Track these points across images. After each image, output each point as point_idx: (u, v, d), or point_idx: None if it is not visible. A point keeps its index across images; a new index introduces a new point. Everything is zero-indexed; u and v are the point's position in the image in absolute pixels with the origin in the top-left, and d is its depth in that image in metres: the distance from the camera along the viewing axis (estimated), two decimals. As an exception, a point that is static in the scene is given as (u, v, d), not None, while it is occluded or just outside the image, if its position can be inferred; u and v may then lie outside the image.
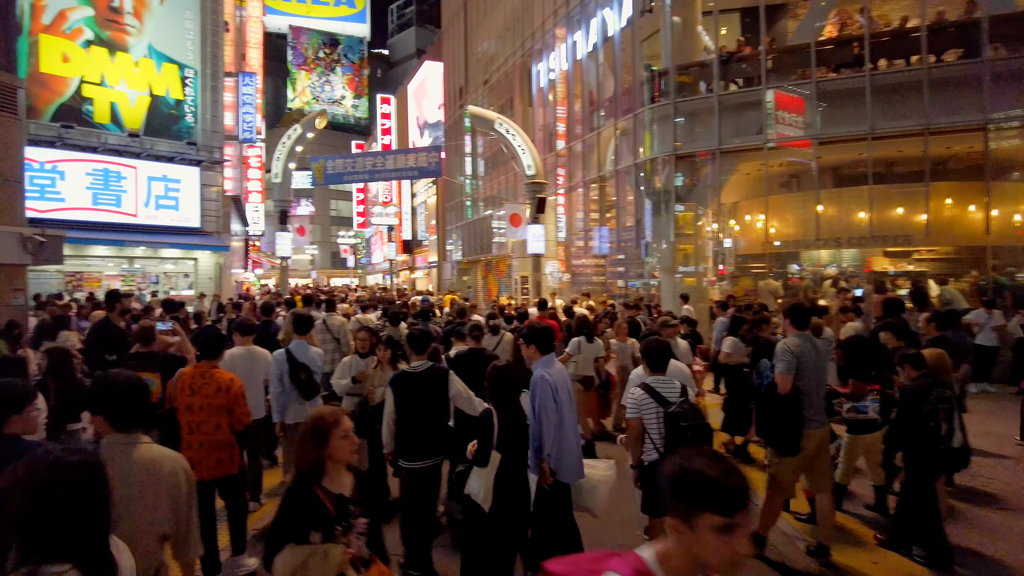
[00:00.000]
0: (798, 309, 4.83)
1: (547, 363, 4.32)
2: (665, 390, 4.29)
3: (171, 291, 21.35)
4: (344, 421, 2.55)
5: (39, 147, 18.40)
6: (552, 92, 20.99)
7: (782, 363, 4.58)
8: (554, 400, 4.12)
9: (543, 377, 4.16)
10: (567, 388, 4.33)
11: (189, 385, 4.22)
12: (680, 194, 14.55)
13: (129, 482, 2.38)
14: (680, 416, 4.09)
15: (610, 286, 18.15)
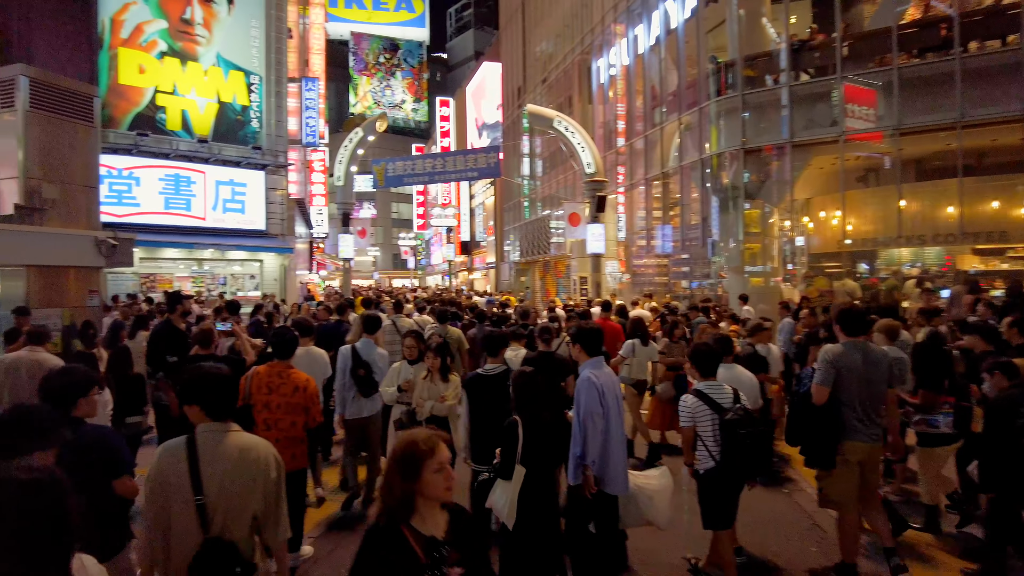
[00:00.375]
0: (849, 314, 4.50)
1: (595, 365, 4.10)
2: (718, 396, 4.17)
3: (238, 292, 21.96)
4: (440, 450, 2.14)
5: (117, 155, 19.24)
6: (612, 88, 20.52)
7: (819, 373, 4.35)
8: (600, 404, 3.90)
9: (589, 380, 3.95)
10: (615, 393, 4.10)
11: (266, 383, 4.34)
12: (749, 190, 13.88)
13: (224, 468, 2.49)
14: (738, 423, 3.97)
15: (673, 287, 17.56)
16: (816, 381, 4.34)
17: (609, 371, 4.18)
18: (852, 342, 4.40)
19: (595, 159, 16.96)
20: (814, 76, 13.68)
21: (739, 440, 3.94)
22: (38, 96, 9.09)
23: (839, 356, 4.33)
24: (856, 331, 4.42)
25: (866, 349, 4.39)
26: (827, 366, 4.30)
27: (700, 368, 4.36)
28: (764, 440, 4.11)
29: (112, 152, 19.13)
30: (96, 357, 6.50)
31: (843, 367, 4.30)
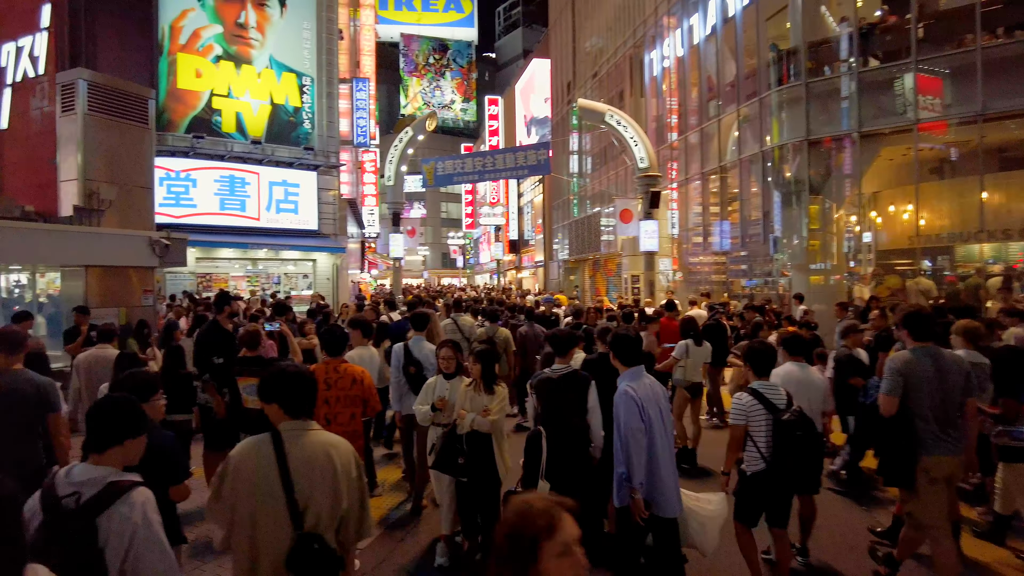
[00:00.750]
0: (917, 317, 4.13)
1: (633, 376, 3.81)
2: (773, 396, 4.06)
3: (291, 291, 22.30)
4: (564, 526, 1.50)
5: (175, 157, 19.75)
6: (666, 80, 19.90)
7: (887, 382, 4.03)
8: (641, 419, 3.61)
9: (626, 393, 3.67)
10: (658, 405, 3.77)
11: (324, 379, 4.35)
12: (813, 184, 13.14)
13: (309, 465, 2.49)
14: (794, 425, 3.88)
15: (731, 285, 16.87)
16: (883, 391, 4.02)
17: (650, 381, 3.88)
18: (922, 348, 4.03)
19: (648, 153, 16.42)
20: (884, 61, 12.84)
21: (795, 442, 3.85)
22: (96, 99, 9.25)
23: (907, 364, 3.97)
24: (925, 335, 4.06)
25: (938, 355, 4.00)
26: (894, 375, 3.97)
27: (755, 367, 4.22)
28: (818, 445, 4.01)
29: (170, 155, 19.65)
30: (144, 359, 6.46)
31: (912, 376, 3.94)
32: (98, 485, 2.15)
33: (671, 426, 3.93)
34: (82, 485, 2.15)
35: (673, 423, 3.97)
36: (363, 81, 25.27)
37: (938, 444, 3.92)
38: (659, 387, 3.91)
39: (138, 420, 2.40)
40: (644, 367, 3.92)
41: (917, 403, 3.94)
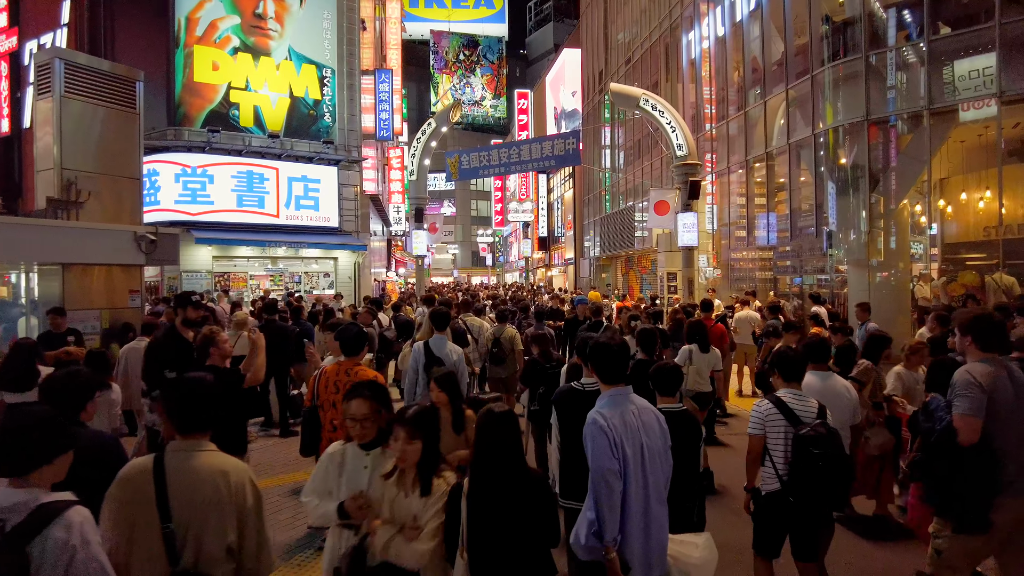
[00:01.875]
0: (984, 322, 3.34)
1: (612, 400, 2.95)
2: (799, 407, 3.64)
3: (312, 290, 21.58)
4: None
5: (192, 152, 19.13)
6: (705, 64, 18.50)
7: (966, 400, 3.18)
8: (613, 456, 2.79)
9: (595, 423, 2.85)
10: (641, 441, 2.89)
11: (334, 382, 4.13)
12: (874, 170, 11.71)
13: (191, 491, 2.28)
14: (813, 441, 3.40)
15: (778, 283, 15.46)
16: (963, 410, 3.16)
17: (640, 406, 2.99)
18: (995, 359, 3.25)
19: (687, 140, 15.12)
20: (957, 29, 11.33)
21: (810, 461, 3.38)
22: (75, 81, 8.40)
23: (991, 378, 3.17)
24: (993, 345, 3.28)
25: (1011, 371, 3.26)
26: (978, 391, 3.14)
27: (783, 372, 3.81)
28: (843, 467, 3.50)
29: (186, 150, 19.04)
30: (109, 356, 5.76)
31: (995, 392, 3.15)
32: (25, 509, 1.97)
33: (664, 468, 3.00)
34: (6, 511, 1.95)
35: (668, 463, 3.04)
36: (386, 72, 24.42)
37: (1011, 482, 3.16)
38: (651, 416, 3.00)
39: (65, 433, 2.17)
40: (632, 388, 3.07)
41: (1003, 429, 3.15)
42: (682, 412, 3.66)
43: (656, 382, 3.79)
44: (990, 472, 3.16)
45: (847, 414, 4.35)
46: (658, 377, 3.80)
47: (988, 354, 3.26)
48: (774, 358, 3.94)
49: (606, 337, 3.15)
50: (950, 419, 3.25)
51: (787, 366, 3.81)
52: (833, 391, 4.32)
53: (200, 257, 19.45)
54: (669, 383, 3.77)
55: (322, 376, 4.27)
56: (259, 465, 6.71)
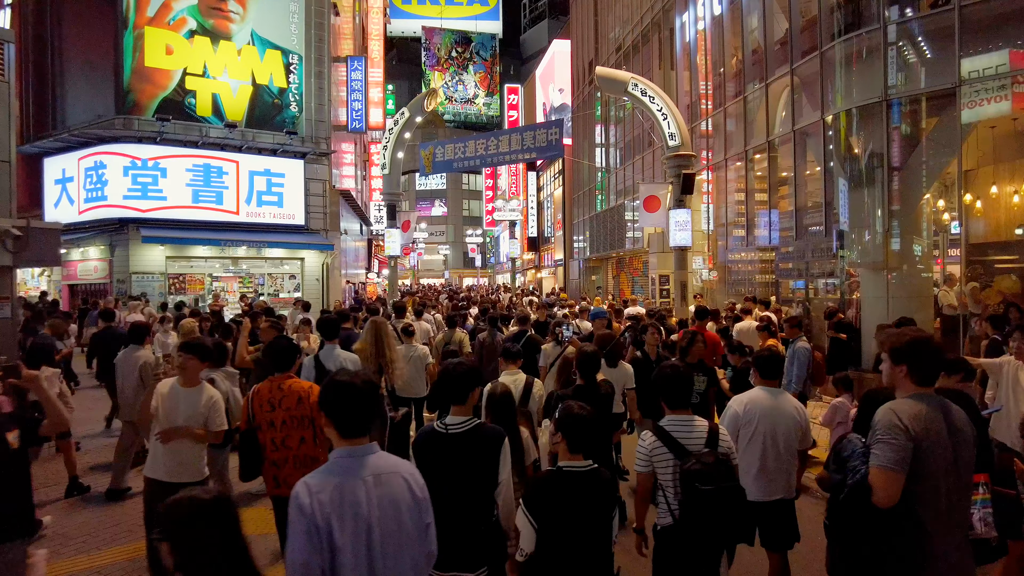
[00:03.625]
0: (924, 349, 2.57)
1: (337, 466, 2.23)
2: (685, 436, 3.28)
3: (278, 294, 20.04)
4: None
5: (142, 144, 17.61)
6: (701, 46, 16.95)
7: (886, 448, 2.43)
8: (311, 545, 2.06)
9: (295, 500, 2.10)
10: (369, 523, 2.15)
11: (267, 400, 3.94)
12: (894, 160, 10.15)
13: None
14: (699, 476, 3.00)
15: (781, 287, 13.91)
16: (882, 462, 2.45)
17: (382, 471, 2.25)
18: (928, 396, 2.55)
19: (680, 129, 13.59)
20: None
21: (699, 497, 2.99)
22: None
23: (923, 422, 2.47)
24: (932, 376, 2.61)
25: (949, 413, 2.55)
26: (903, 438, 2.43)
27: (667, 398, 3.41)
28: (733, 498, 3.04)
29: (137, 141, 17.51)
30: None
31: (922, 439, 2.44)
32: None
33: (410, 557, 2.30)
34: None
35: (421, 549, 2.36)
36: (358, 60, 22.87)
37: (943, 555, 2.47)
38: (395, 486, 2.25)
39: None
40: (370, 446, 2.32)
41: (932, 488, 2.47)
42: (589, 474, 2.86)
43: (564, 428, 2.91)
44: (911, 545, 2.48)
45: (793, 438, 3.84)
46: (566, 425, 2.91)
47: (924, 388, 2.57)
48: (655, 382, 3.49)
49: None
50: (865, 471, 2.53)
51: (669, 389, 3.40)
52: (781, 411, 3.86)
53: (152, 257, 17.89)
54: (577, 432, 2.89)
55: (255, 397, 3.98)
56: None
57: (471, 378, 3.12)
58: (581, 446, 2.87)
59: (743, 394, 3.98)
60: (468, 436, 3.00)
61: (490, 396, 3.74)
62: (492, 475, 3.00)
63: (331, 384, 2.28)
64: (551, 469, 2.98)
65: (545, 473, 3.04)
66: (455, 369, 3.15)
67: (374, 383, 2.42)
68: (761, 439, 3.78)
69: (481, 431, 3.04)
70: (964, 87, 9.10)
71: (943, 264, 12.05)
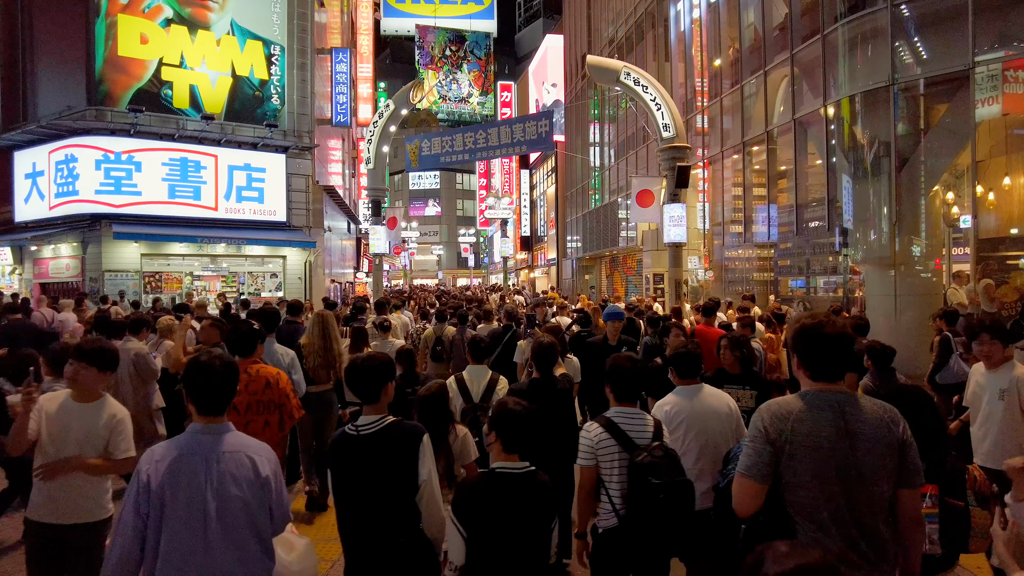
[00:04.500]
0: (812, 337, 2.23)
1: (190, 438, 2.42)
2: (633, 428, 3.10)
3: (259, 292, 19.35)
4: None
5: (116, 136, 16.85)
6: (697, 35, 16.32)
7: (744, 453, 2.28)
8: (138, 509, 2.27)
9: (140, 463, 2.37)
10: (205, 496, 2.33)
11: None
12: (902, 149, 9.55)
13: None
14: (651, 468, 2.86)
15: (780, 285, 13.30)
16: (739, 469, 2.28)
17: (230, 448, 2.41)
18: (821, 393, 2.20)
19: (675, 119, 12.97)
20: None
21: (649, 492, 2.83)
22: None
23: (786, 419, 2.18)
24: (831, 371, 2.22)
25: (847, 413, 2.16)
26: (760, 442, 2.20)
27: (616, 389, 3.22)
28: (683, 494, 2.89)
29: (109, 133, 16.77)
30: None
31: (794, 441, 2.15)
32: None
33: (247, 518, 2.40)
34: None
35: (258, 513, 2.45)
36: (343, 52, 22.19)
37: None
38: (238, 460, 2.39)
39: None
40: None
41: (813, 496, 2.15)
42: (524, 477, 2.63)
43: (497, 426, 2.69)
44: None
45: (730, 435, 3.43)
46: (499, 423, 2.69)
47: (820, 384, 2.22)
48: (607, 374, 3.29)
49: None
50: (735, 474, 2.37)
51: (619, 381, 3.24)
52: (710, 409, 3.52)
53: (126, 255, 17.17)
54: (512, 431, 2.66)
55: None
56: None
57: (381, 373, 2.85)
58: (516, 445, 2.63)
59: (664, 399, 3.65)
60: (380, 436, 2.76)
61: (420, 398, 3.52)
62: (410, 478, 2.73)
63: (192, 364, 2.43)
64: (483, 471, 2.74)
65: (476, 476, 2.80)
66: (363, 364, 2.87)
67: (233, 365, 2.51)
68: (695, 443, 3.45)
69: (395, 430, 2.78)
70: (979, 69, 8.48)
71: (940, 262, 11.45)
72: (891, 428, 2.19)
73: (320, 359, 5.46)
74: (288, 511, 2.58)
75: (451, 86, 75.31)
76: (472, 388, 4.57)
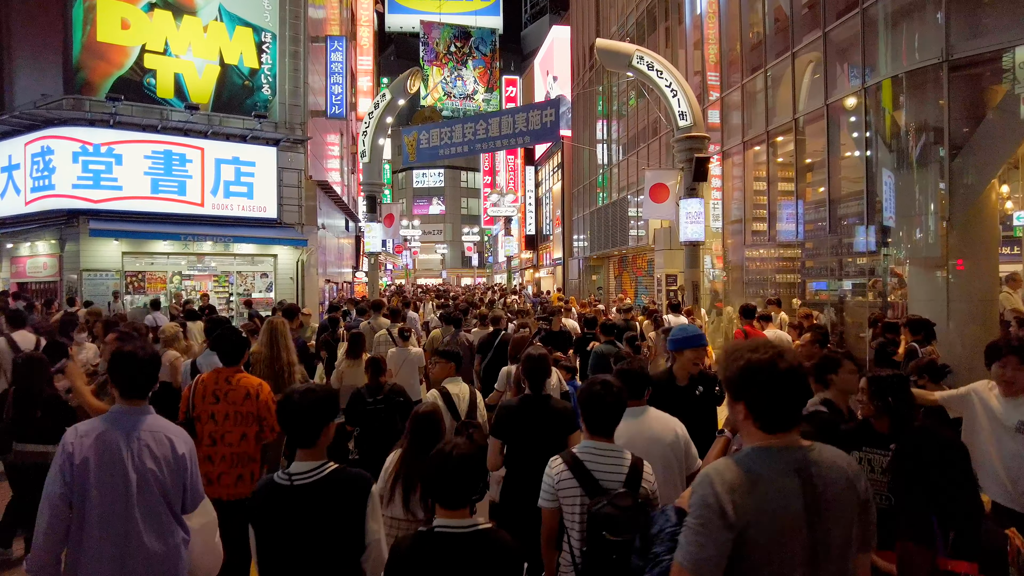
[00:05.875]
0: (761, 378, 1.77)
1: (113, 417, 2.72)
2: (601, 467, 2.69)
3: (248, 293, 18.38)
4: None
5: (95, 127, 15.87)
6: (715, 16, 15.19)
7: (688, 538, 1.71)
8: (70, 477, 2.54)
9: (64, 438, 2.63)
10: (131, 470, 2.59)
11: (212, 391, 3.89)
12: (956, 136, 8.42)
13: None
14: (607, 521, 2.43)
15: (805, 289, 12.17)
16: (679, 559, 1.72)
17: (154, 428, 2.71)
18: (775, 450, 1.75)
19: (692, 106, 11.88)
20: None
21: (603, 549, 2.42)
22: None
23: (748, 492, 1.69)
24: (783, 419, 1.77)
25: (812, 469, 1.75)
26: (714, 521, 1.67)
27: (587, 420, 2.81)
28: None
29: (88, 124, 15.78)
30: None
31: (755, 525, 1.67)
32: None
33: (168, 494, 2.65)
34: None
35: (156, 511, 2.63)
36: (339, 40, 21.13)
37: None
38: (159, 443, 2.68)
39: None
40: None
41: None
42: (470, 538, 2.14)
43: (427, 481, 2.31)
44: None
45: (673, 462, 3.03)
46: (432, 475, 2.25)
47: (775, 438, 1.73)
48: (579, 399, 2.83)
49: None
50: (667, 565, 1.86)
51: (590, 409, 2.77)
52: (650, 433, 3.10)
53: (107, 253, 16.18)
54: (447, 482, 2.22)
55: (198, 385, 3.95)
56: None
57: (321, 410, 2.48)
58: (456, 498, 2.20)
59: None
60: (319, 488, 2.40)
61: (414, 417, 3.33)
62: (356, 539, 2.40)
63: (115, 353, 2.76)
64: (420, 531, 2.26)
65: (410, 537, 2.28)
66: (299, 398, 2.45)
67: (155, 355, 2.84)
68: None
69: (337, 480, 2.44)
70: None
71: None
72: (855, 486, 1.81)
73: (266, 369, 5.04)
74: (201, 491, 2.82)
75: (456, 83, 74.51)
76: (459, 404, 4.31)
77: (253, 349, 5.17)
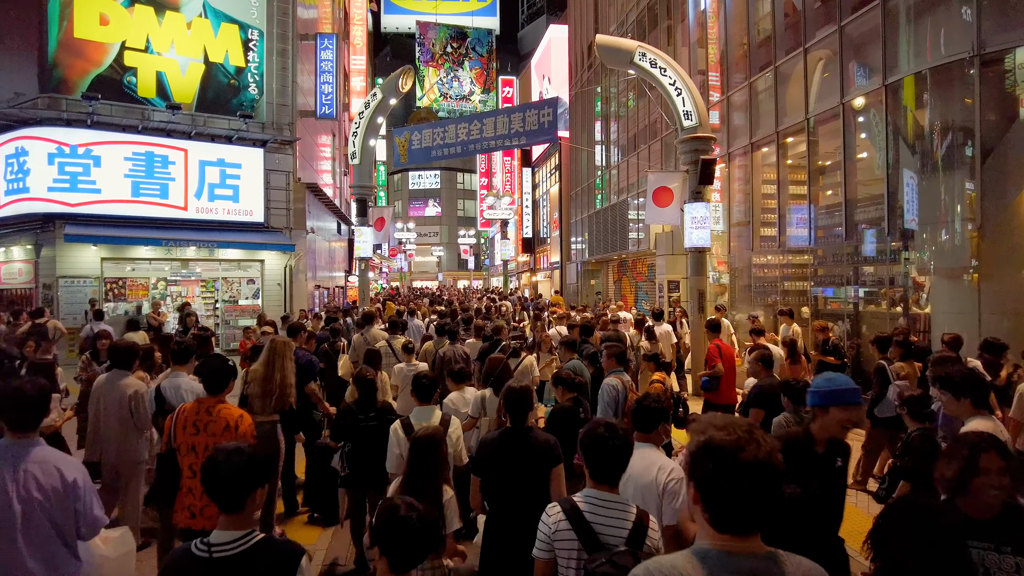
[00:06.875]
0: (727, 464, 1.48)
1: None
2: (602, 519, 2.46)
3: (235, 300, 17.70)
4: None
5: (72, 127, 15.23)
6: (718, 15, 14.57)
7: None
8: None
9: None
10: (15, 498, 2.65)
11: (193, 422, 3.84)
12: (987, 136, 7.79)
13: None
14: None
15: (817, 298, 11.52)
16: None
17: (40, 460, 2.77)
18: (730, 557, 1.49)
19: (697, 105, 11.24)
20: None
21: None
22: None
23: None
24: (749, 522, 1.52)
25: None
26: None
27: (590, 465, 2.54)
28: None
29: (65, 124, 15.14)
30: None
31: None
32: None
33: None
34: None
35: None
36: (329, 38, 20.46)
37: None
38: (46, 473, 2.72)
39: None
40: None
41: None
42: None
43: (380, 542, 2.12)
44: None
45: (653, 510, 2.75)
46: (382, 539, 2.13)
47: (727, 539, 1.52)
48: (581, 443, 2.55)
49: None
50: None
51: (593, 453, 2.50)
52: (634, 478, 2.89)
53: (84, 259, 15.50)
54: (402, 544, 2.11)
55: (179, 416, 3.90)
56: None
57: (252, 474, 2.21)
58: (407, 564, 2.06)
59: None
60: (242, 562, 2.11)
61: (414, 442, 3.24)
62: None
63: (2, 388, 2.80)
64: None
65: None
66: (224, 459, 2.20)
67: (45, 388, 2.85)
68: None
69: (262, 552, 2.15)
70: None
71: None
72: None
73: (259, 388, 5.05)
74: (99, 516, 2.84)
75: (452, 84, 73.71)
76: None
77: (253, 367, 5.27)
